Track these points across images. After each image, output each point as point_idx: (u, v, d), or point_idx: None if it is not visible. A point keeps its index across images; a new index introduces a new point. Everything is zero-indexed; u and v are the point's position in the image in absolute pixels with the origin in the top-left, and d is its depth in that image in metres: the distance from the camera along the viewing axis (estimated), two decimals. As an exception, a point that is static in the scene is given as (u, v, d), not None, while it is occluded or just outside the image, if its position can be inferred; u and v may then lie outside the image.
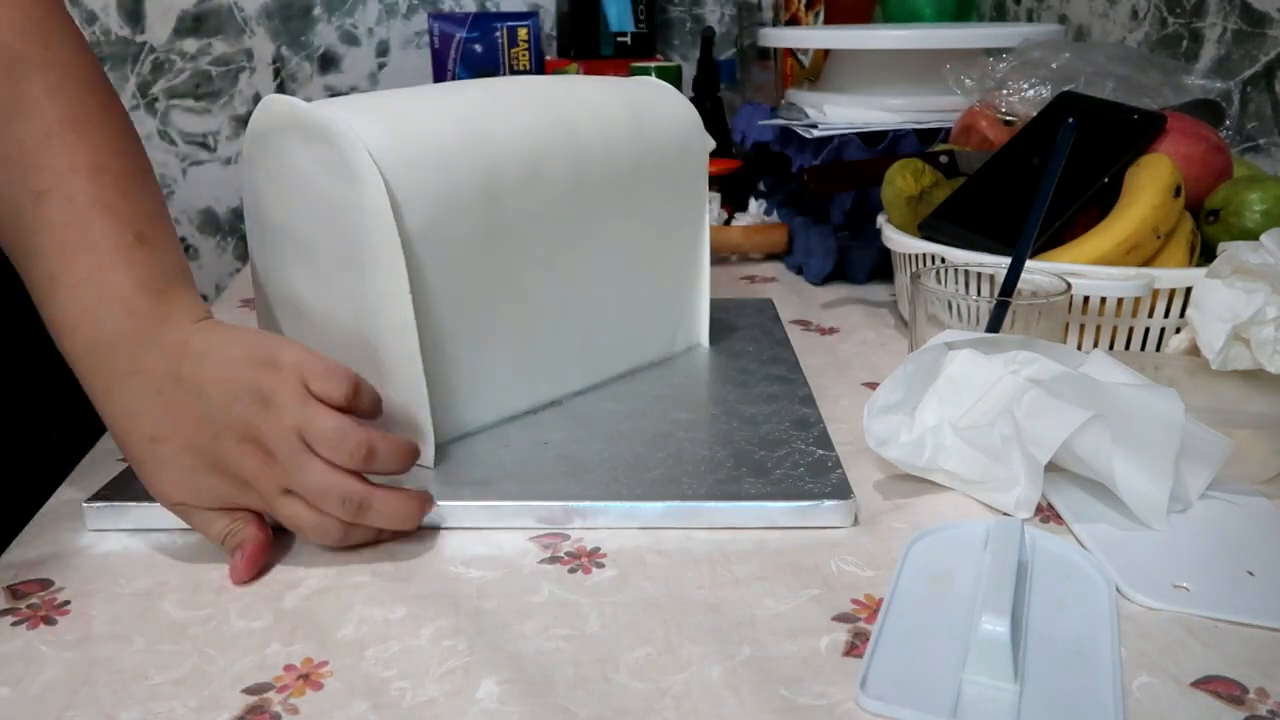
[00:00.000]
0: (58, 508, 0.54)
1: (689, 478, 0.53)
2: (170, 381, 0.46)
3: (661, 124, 0.66)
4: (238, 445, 0.46)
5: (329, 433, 0.45)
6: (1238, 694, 0.39)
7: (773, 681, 0.40)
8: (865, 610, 0.44)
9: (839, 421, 0.62)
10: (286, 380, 0.46)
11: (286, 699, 0.39)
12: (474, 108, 0.57)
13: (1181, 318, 0.66)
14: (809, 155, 0.95)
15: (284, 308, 0.60)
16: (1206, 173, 0.70)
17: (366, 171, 0.50)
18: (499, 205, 0.56)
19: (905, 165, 0.78)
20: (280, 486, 0.46)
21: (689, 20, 1.59)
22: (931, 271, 0.67)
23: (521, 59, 1.31)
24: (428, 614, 0.44)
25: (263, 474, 0.46)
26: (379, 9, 1.50)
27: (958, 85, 0.87)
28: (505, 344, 0.59)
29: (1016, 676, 0.38)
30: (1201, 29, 0.92)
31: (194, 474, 0.47)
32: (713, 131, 1.17)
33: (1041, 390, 0.51)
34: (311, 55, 1.50)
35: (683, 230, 0.70)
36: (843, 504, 0.51)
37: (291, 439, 0.45)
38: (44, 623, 0.44)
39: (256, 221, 0.59)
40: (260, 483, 0.46)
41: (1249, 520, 0.51)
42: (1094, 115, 0.73)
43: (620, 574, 0.47)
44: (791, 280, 0.97)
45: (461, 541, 0.50)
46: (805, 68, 1.25)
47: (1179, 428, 0.50)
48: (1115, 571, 0.46)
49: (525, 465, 0.55)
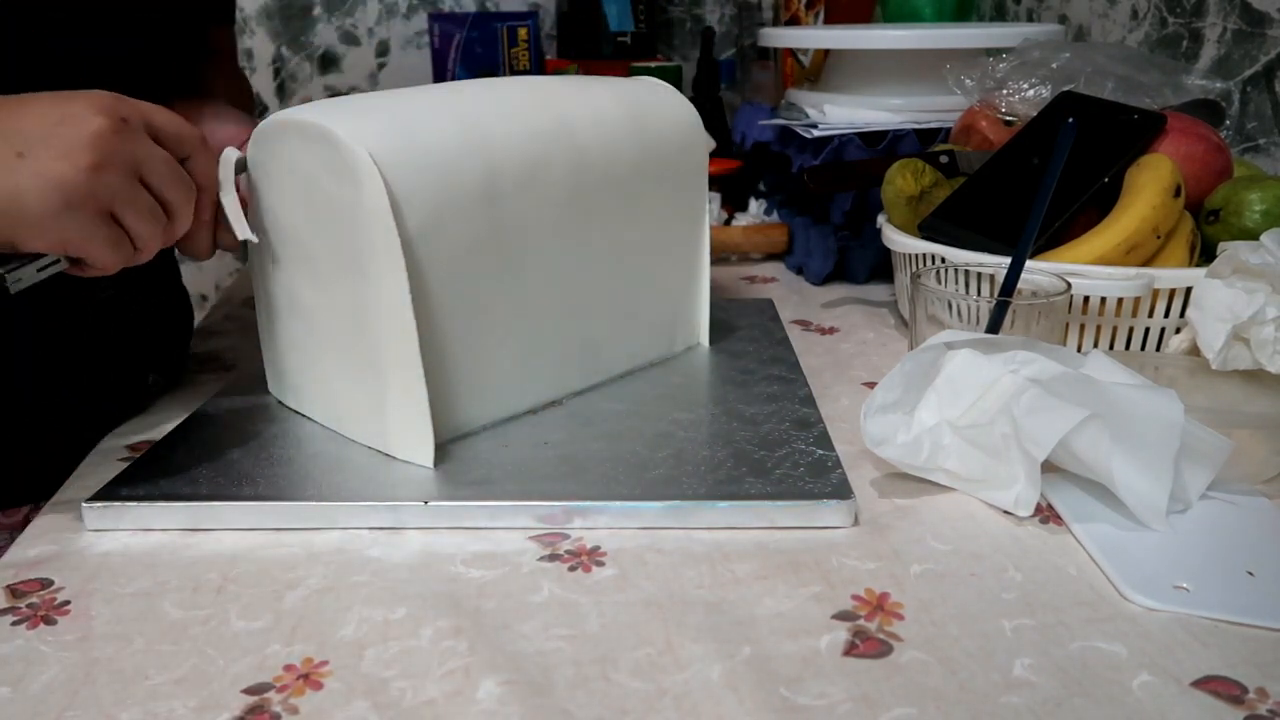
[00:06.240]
0: (58, 508, 0.54)
1: (689, 477, 0.53)
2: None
3: (661, 124, 0.66)
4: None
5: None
6: (1238, 694, 0.39)
7: (773, 681, 0.40)
8: (866, 609, 0.44)
9: (839, 421, 0.62)
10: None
11: (286, 699, 0.39)
12: (474, 108, 0.57)
13: (1181, 318, 0.66)
14: (809, 155, 0.95)
15: (284, 308, 0.60)
16: (1206, 173, 0.70)
17: (366, 172, 0.50)
18: (499, 206, 0.56)
19: (905, 165, 0.78)
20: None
21: (689, 20, 1.59)
22: (931, 271, 0.67)
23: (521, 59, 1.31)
24: (428, 614, 0.44)
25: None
26: (379, 9, 1.50)
27: (958, 85, 0.87)
28: (505, 344, 0.59)
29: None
30: (1201, 29, 0.92)
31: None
32: (713, 131, 1.18)
33: (1040, 389, 0.51)
34: (311, 55, 1.49)
35: (683, 230, 0.70)
36: (843, 504, 0.51)
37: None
38: (44, 623, 0.44)
39: (257, 222, 0.59)
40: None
41: (1249, 520, 0.51)
42: (1094, 115, 0.73)
43: (620, 573, 0.47)
44: (791, 280, 0.97)
45: (461, 541, 0.50)
46: (805, 68, 1.25)
47: (1178, 428, 0.50)
48: (1115, 572, 0.46)
49: (525, 465, 0.55)
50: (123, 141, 0.48)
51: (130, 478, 0.54)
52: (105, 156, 0.47)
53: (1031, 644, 0.42)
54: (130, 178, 0.48)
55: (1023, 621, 0.43)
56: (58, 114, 0.47)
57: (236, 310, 0.90)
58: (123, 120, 0.48)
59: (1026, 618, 0.43)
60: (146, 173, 0.49)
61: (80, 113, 0.47)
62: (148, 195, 0.49)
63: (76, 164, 0.46)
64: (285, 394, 0.63)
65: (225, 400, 0.64)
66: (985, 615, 0.44)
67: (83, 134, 0.46)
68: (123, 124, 0.48)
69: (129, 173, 0.48)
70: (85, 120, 0.47)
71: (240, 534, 0.51)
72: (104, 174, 0.47)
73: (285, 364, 0.62)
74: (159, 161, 0.50)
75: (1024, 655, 0.41)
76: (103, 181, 0.47)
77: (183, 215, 0.52)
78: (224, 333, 0.84)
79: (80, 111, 0.47)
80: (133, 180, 0.49)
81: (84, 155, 0.46)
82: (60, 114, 0.47)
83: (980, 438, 0.52)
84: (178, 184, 0.51)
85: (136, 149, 0.49)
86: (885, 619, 0.43)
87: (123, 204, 0.48)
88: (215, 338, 0.83)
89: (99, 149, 0.47)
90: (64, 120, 0.46)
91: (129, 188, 0.48)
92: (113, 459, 0.59)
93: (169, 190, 0.51)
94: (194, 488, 0.52)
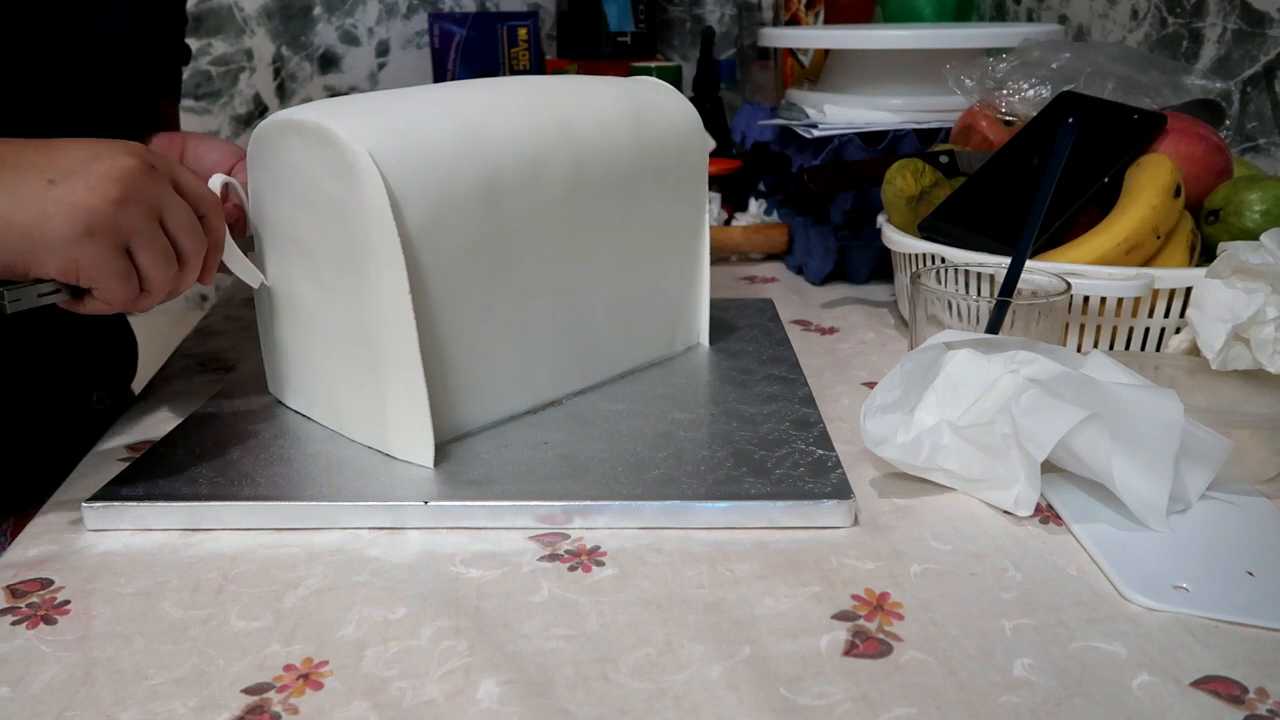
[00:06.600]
0: (58, 508, 0.54)
1: (689, 477, 0.53)
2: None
3: (661, 124, 0.66)
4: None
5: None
6: (1238, 694, 0.39)
7: (773, 681, 0.40)
8: (865, 608, 0.44)
9: (839, 421, 0.62)
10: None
11: (286, 699, 0.39)
12: (474, 108, 0.57)
13: (1181, 318, 0.66)
14: (809, 155, 0.95)
15: (284, 308, 0.60)
16: (1206, 173, 0.70)
17: (366, 172, 0.50)
18: (499, 205, 0.56)
19: (905, 165, 0.78)
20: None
21: (689, 20, 1.59)
22: (931, 271, 0.67)
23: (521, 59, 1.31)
24: (428, 614, 0.44)
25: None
26: (379, 9, 1.50)
27: (958, 85, 0.87)
28: (505, 344, 0.59)
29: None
30: (1201, 29, 0.92)
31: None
32: (713, 131, 1.18)
33: (1040, 389, 0.51)
34: (311, 55, 1.49)
35: (683, 230, 0.70)
36: (843, 504, 0.51)
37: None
38: (44, 622, 0.44)
39: (257, 222, 0.59)
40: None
41: (1249, 520, 0.51)
42: (1094, 115, 0.73)
43: (620, 573, 0.47)
44: (791, 280, 0.97)
45: (461, 541, 0.50)
46: (805, 68, 1.25)
47: (1178, 428, 0.50)
48: (1115, 572, 0.46)
49: (525, 465, 0.55)
50: (149, 182, 0.50)
51: (130, 478, 0.54)
52: (131, 193, 0.49)
53: (1031, 644, 0.42)
54: (151, 218, 0.50)
55: (1022, 621, 0.43)
56: (91, 152, 0.49)
57: (236, 310, 0.90)
58: (151, 166, 0.51)
59: (1026, 618, 0.43)
60: (166, 216, 0.51)
61: (113, 152, 0.50)
62: (164, 239, 0.51)
63: (104, 195, 0.48)
64: (285, 394, 0.63)
65: (225, 400, 0.64)
66: (985, 615, 0.44)
67: (112, 169, 0.49)
68: (151, 169, 0.50)
69: (151, 213, 0.50)
70: (116, 158, 0.49)
71: (240, 534, 0.51)
72: (127, 208, 0.49)
73: (285, 364, 0.62)
74: (179, 209, 0.52)
75: (1024, 655, 0.41)
76: (125, 215, 0.49)
77: (193, 265, 0.54)
78: (224, 333, 0.84)
79: (113, 151, 0.50)
80: (153, 221, 0.51)
81: (112, 188, 0.48)
82: (94, 152, 0.49)
83: (980, 438, 0.52)
84: (194, 234, 0.53)
85: (161, 192, 0.51)
86: (885, 619, 0.43)
87: (140, 241, 0.50)
88: (215, 338, 0.83)
89: (126, 184, 0.49)
90: (97, 157, 0.49)
91: (149, 227, 0.50)
92: (113, 459, 0.59)
93: (184, 238, 0.52)
94: (194, 488, 0.52)
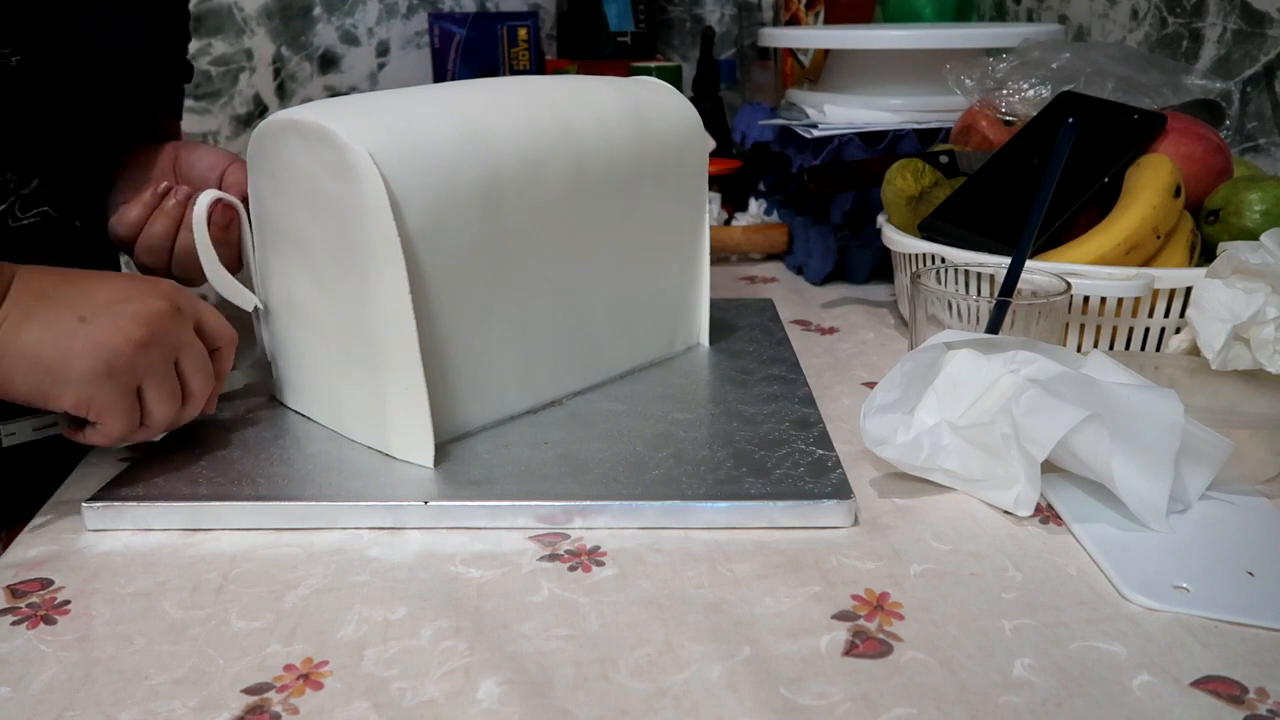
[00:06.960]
0: (58, 508, 0.54)
1: (689, 477, 0.53)
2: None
3: (661, 124, 0.66)
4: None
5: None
6: (1238, 694, 0.39)
7: (773, 681, 0.40)
8: (865, 609, 0.44)
9: (839, 421, 0.62)
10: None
11: (286, 699, 0.39)
12: (474, 108, 0.57)
13: (1181, 318, 0.66)
14: (809, 155, 0.95)
15: (284, 308, 0.60)
16: (1206, 173, 0.70)
17: (366, 172, 0.50)
18: (499, 205, 0.56)
19: (905, 165, 0.78)
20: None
21: (689, 20, 1.59)
22: (931, 271, 0.67)
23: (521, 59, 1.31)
24: (428, 614, 0.44)
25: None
26: (379, 9, 1.50)
27: (958, 85, 0.87)
28: (505, 344, 0.59)
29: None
30: (1201, 29, 0.92)
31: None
32: (713, 131, 1.18)
33: (1040, 389, 0.51)
34: (311, 55, 1.49)
35: (683, 230, 0.70)
36: (843, 504, 0.51)
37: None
38: (44, 622, 0.44)
39: (257, 222, 0.59)
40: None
41: (1249, 520, 0.51)
42: (1094, 115, 0.73)
43: (620, 573, 0.47)
44: (791, 280, 0.97)
45: (461, 541, 0.50)
46: (805, 68, 1.25)
47: (1178, 428, 0.50)
48: (1115, 572, 0.46)
49: (525, 465, 0.55)
50: (173, 326, 0.52)
51: (130, 478, 0.54)
52: (155, 336, 0.51)
53: (1031, 644, 0.42)
54: (169, 360, 0.52)
55: (1022, 621, 0.43)
56: (124, 291, 0.51)
57: (237, 310, 0.90)
58: (178, 309, 0.52)
59: (1026, 618, 0.43)
60: (182, 358, 0.53)
61: (144, 293, 0.51)
62: (175, 380, 0.53)
63: (129, 337, 0.50)
64: (285, 394, 0.63)
65: (225, 400, 0.64)
66: (985, 615, 0.44)
67: (140, 311, 0.50)
68: (177, 311, 0.52)
69: (169, 355, 0.52)
70: (146, 300, 0.51)
71: (240, 534, 0.51)
72: (149, 351, 0.51)
73: (285, 364, 0.62)
74: (196, 351, 0.54)
75: (1024, 655, 0.41)
76: (145, 357, 0.50)
77: (197, 402, 0.55)
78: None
79: (144, 292, 0.52)
80: (170, 363, 0.52)
81: (138, 330, 0.50)
82: (126, 291, 0.51)
83: (980, 438, 0.52)
84: (205, 375, 0.54)
85: (181, 335, 0.53)
86: (885, 619, 0.43)
87: (153, 382, 0.52)
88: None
89: (152, 327, 0.51)
90: (129, 297, 0.51)
91: (164, 368, 0.52)
92: (113, 459, 0.59)
93: (194, 379, 0.54)
94: (194, 488, 0.52)
